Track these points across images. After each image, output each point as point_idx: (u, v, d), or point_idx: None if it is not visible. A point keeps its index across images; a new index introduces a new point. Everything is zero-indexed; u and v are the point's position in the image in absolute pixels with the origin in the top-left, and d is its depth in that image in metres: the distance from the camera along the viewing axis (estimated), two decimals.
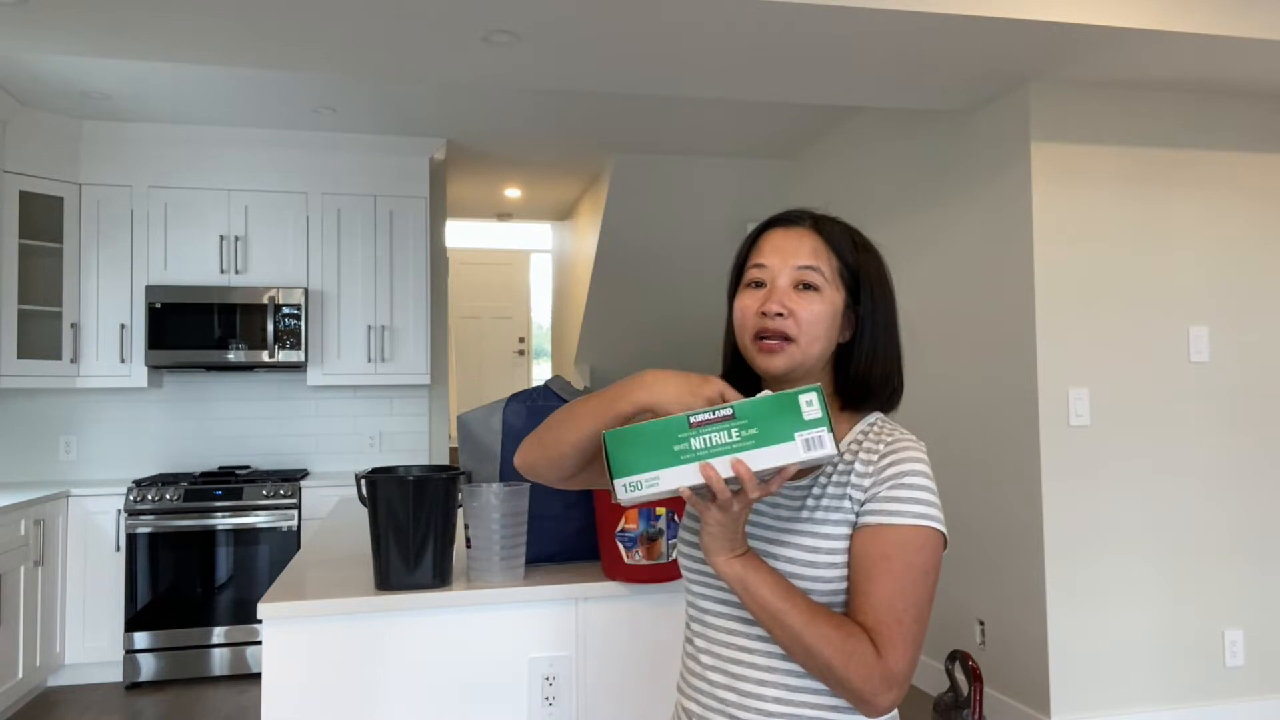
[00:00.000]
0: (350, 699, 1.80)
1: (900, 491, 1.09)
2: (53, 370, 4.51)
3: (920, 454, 1.13)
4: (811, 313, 1.15)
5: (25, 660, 3.99)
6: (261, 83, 4.15)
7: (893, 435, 1.15)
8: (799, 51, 3.22)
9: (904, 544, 1.08)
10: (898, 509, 1.09)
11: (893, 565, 1.07)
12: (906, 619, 1.06)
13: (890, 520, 1.09)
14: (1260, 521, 3.69)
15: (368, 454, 5.23)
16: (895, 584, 1.07)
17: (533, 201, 6.63)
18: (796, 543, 1.13)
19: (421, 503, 1.85)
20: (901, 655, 1.05)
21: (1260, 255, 3.77)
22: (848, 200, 4.88)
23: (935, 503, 1.11)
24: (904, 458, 1.11)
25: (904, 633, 1.06)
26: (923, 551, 1.08)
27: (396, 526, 1.84)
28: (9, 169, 4.37)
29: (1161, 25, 3.02)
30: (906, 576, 1.07)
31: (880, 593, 1.07)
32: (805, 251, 1.19)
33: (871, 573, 1.08)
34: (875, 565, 1.08)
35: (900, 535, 1.08)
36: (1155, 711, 3.51)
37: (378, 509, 1.85)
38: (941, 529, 1.11)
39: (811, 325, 1.15)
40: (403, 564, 1.84)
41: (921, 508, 1.09)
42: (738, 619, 1.16)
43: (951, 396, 3.99)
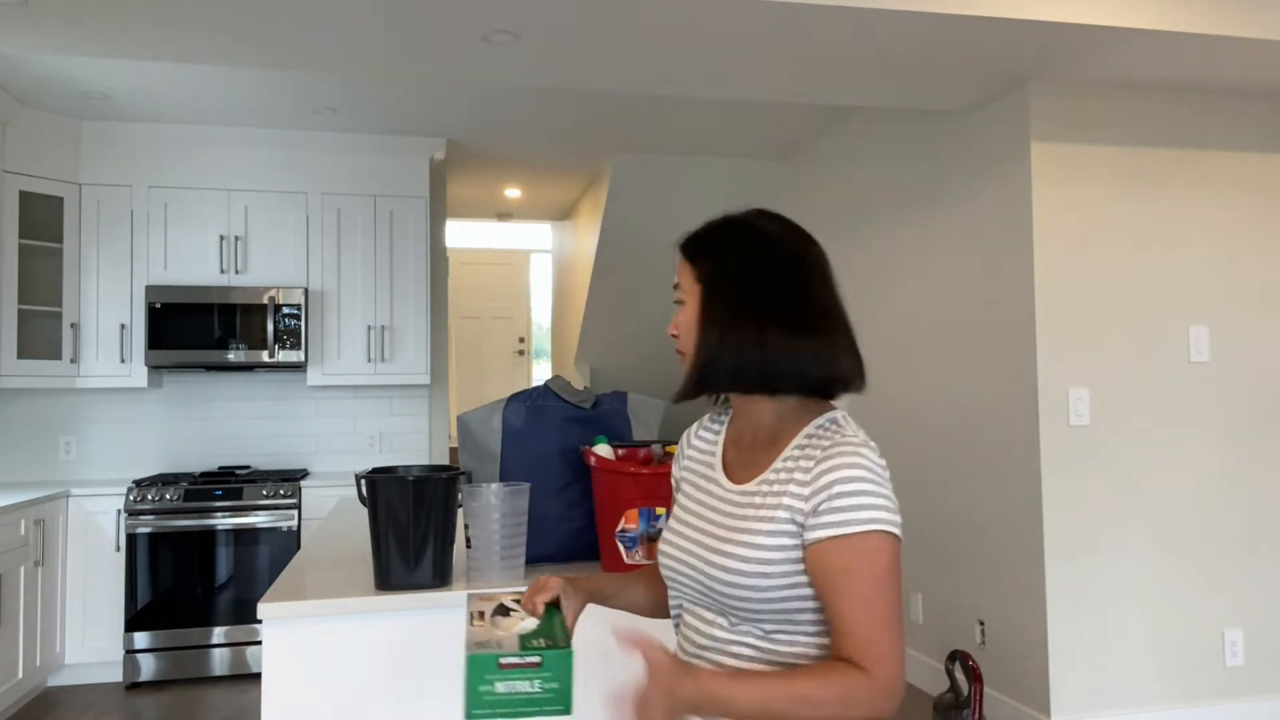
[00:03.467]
0: (350, 699, 1.80)
1: (843, 500, 1.10)
2: (53, 370, 4.51)
3: (857, 457, 1.12)
4: (682, 324, 1.24)
5: (25, 660, 3.99)
6: (261, 83, 4.14)
7: (830, 440, 1.15)
8: (799, 51, 3.22)
9: (861, 553, 1.09)
10: (845, 519, 1.10)
11: (857, 578, 1.09)
12: (884, 626, 1.08)
13: (841, 531, 1.10)
14: (1260, 521, 3.69)
15: (368, 454, 5.23)
16: (864, 596, 1.08)
17: (533, 201, 6.63)
18: (732, 552, 1.15)
19: (421, 503, 1.84)
20: (890, 662, 1.07)
21: (1260, 255, 3.77)
22: (847, 200, 4.88)
23: (882, 504, 1.11)
24: (839, 464, 1.12)
25: (886, 640, 1.07)
26: (881, 555, 1.09)
27: (396, 527, 1.84)
28: (9, 169, 4.37)
29: (1161, 25, 3.02)
30: (873, 585, 1.08)
31: (854, 610, 1.08)
32: (677, 272, 1.27)
33: (840, 589, 1.09)
34: (840, 581, 1.09)
35: (855, 545, 1.09)
36: (1155, 711, 3.51)
37: (378, 509, 1.85)
38: (892, 530, 1.11)
39: (685, 335, 1.23)
40: (403, 564, 1.84)
41: (868, 512, 1.10)
42: (711, 608, 1.20)
43: (952, 396, 3.99)
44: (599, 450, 2.03)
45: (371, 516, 1.87)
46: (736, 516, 1.18)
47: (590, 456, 2.00)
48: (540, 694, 1.10)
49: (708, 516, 1.23)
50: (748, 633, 1.17)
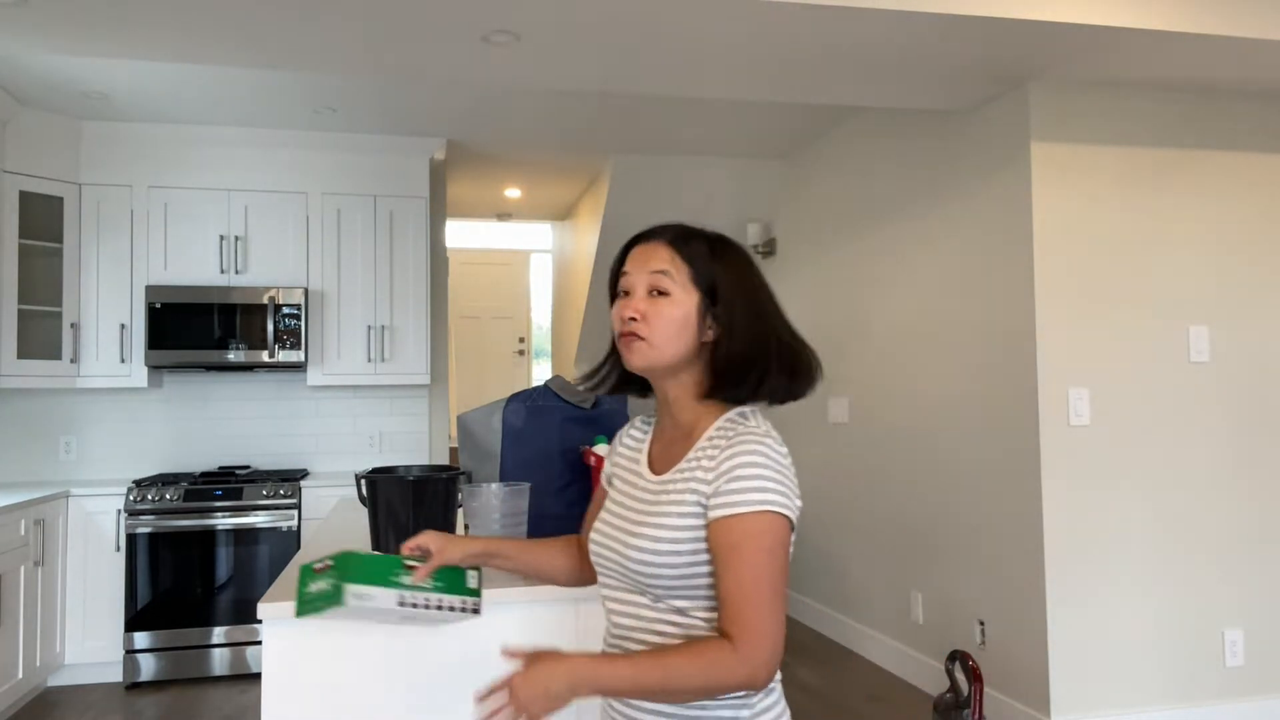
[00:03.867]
0: (350, 699, 1.80)
1: (737, 483, 1.20)
2: (53, 370, 4.51)
3: (758, 444, 1.22)
4: (661, 315, 1.28)
5: (25, 660, 3.99)
6: (262, 83, 4.15)
7: (736, 430, 1.25)
8: (799, 51, 3.22)
9: (748, 531, 1.18)
10: (738, 499, 1.19)
11: (742, 554, 1.18)
12: (759, 596, 1.17)
13: (733, 511, 1.19)
14: (1260, 521, 3.69)
15: (368, 454, 5.23)
16: (746, 571, 1.17)
17: (533, 201, 6.63)
18: (646, 534, 1.25)
19: (421, 503, 1.85)
20: (757, 635, 1.15)
21: (1260, 255, 3.77)
22: (847, 200, 4.88)
23: (776, 488, 1.20)
24: (740, 450, 1.22)
25: (758, 610, 1.16)
26: (764, 535, 1.18)
27: (396, 526, 1.84)
28: (9, 169, 4.37)
29: (1161, 25, 3.02)
30: (756, 562, 1.18)
31: (734, 584, 1.18)
32: (657, 259, 1.30)
33: (727, 563, 1.19)
34: (728, 556, 1.19)
35: (743, 523, 1.19)
36: (1155, 711, 3.51)
37: (378, 509, 1.85)
38: (783, 511, 1.20)
39: (662, 327, 1.27)
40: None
41: (759, 494, 1.19)
42: (633, 589, 1.29)
43: (952, 396, 3.99)
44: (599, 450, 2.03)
45: (371, 516, 1.87)
46: (653, 503, 1.28)
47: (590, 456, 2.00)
48: (330, 590, 1.36)
49: (630, 505, 1.32)
50: (668, 609, 1.26)
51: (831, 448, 5.03)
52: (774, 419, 5.75)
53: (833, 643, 4.95)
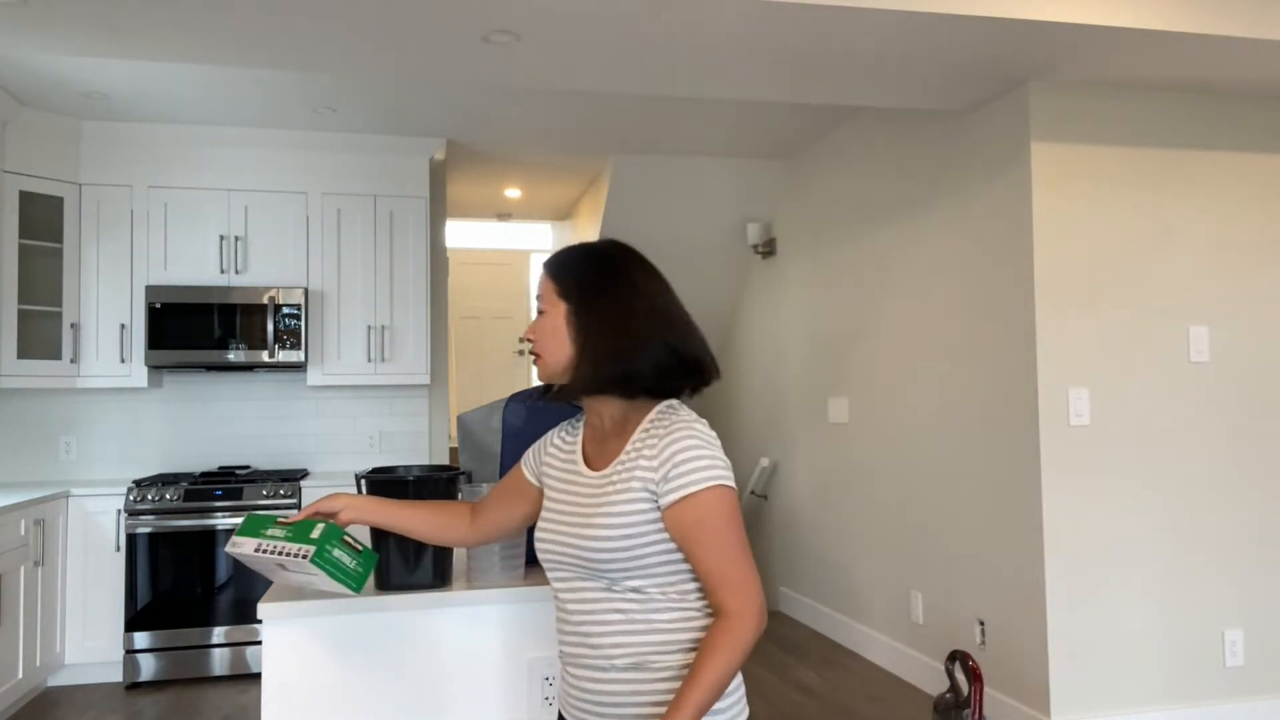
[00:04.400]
0: (350, 699, 1.80)
1: (684, 467, 1.35)
2: (53, 370, 4.51)
3: (691, 430, 1.37)
4: (541, 330, 1.46)
5: (25, 660, 3.99)
6: (261, 83, 4.15)
7: (669, 422, 1.39)
8: (799, 52, 3.22)
9: (708, 505, 1.34)
10: (690, 479, 1.34)
11: (708, 525, 1.34)
12: (737, 560, 1.34)
13: (687, 491, 1.34)
14: (1260, 521, 3.69)
15: (368, 454, 5.23)
16: (717, 539, 1.34)
17: (533, 201, 6.63)
18: (599, 522, 1.37)
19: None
20: (747, 590, 1.34)
21: (1260, 255, 3.77)
22: (847, 200, 4.88)
23: (717, 464, 1.36)
24: (677, 438, 1.37)
25: (738, 569, 1.34)
26: (724, 502, 1.35)
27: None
28: (9, 169, 4.37)
29: (1161, 25, 3.02)
30: (723, 529, 1.34)
31: (711, 554, 1.34)
32: (539, 287, 1.49)
33: (697, 538, 1.34)
34: (696, 531, 1.34)
35: (702, 499, 1.34)
36: (1155, 711, 3.51)
37: None
38: (728, 484, 1.36)
39: (542, 340, 1.45)
40: (403, 564, 1.84)
41: (706, 472, 1.34)
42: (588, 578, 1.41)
43: (952, 396, 3.99)
44: None
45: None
46: (599, 495, 1.40)
47: None
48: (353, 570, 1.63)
49: (575, 502, 1.44)
50: (625, 590, 1.38)
51: (831, 448, 5.03)
52: (775, 419, 5.75)
53: (833, 643, 4.95)
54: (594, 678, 1.40)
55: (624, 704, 1.38)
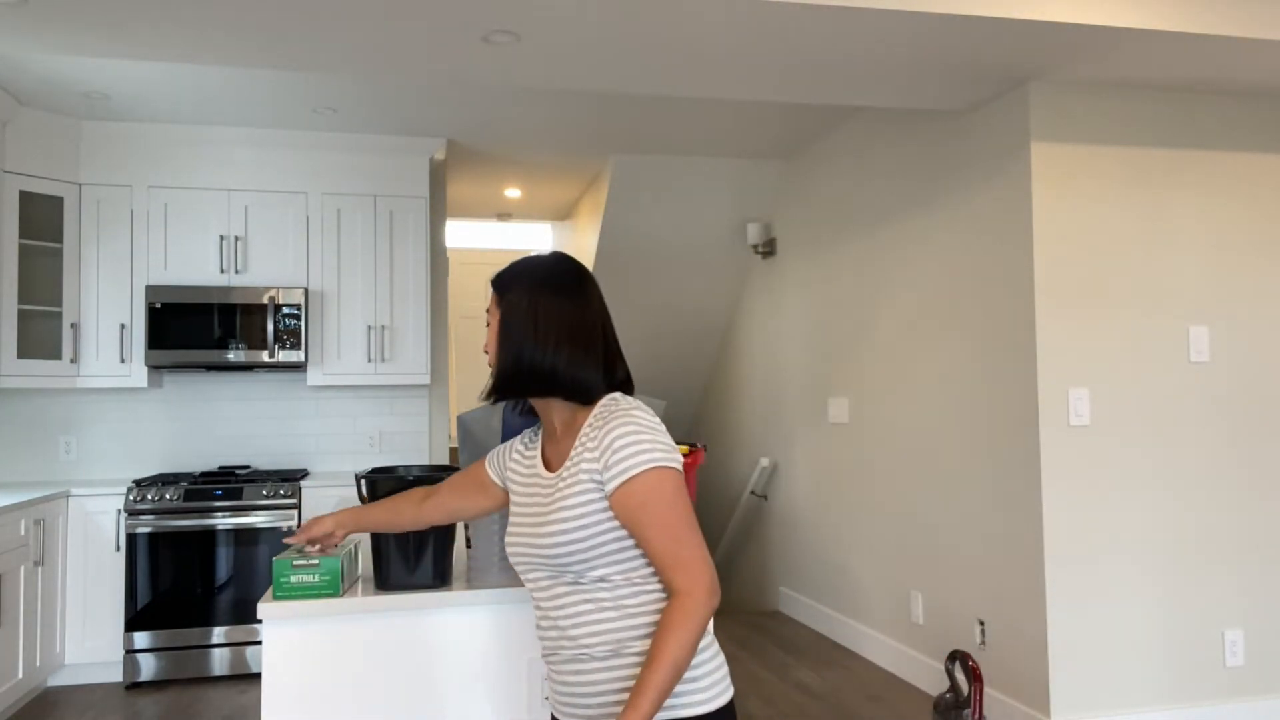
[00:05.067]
0: (350, 699, 1.80)
1: (621, 453, 1.38)
2: (53, 370, 4.51)
3: (629, 418, 1.41)
4: (489, 339, 1.52)
5: (25, 660, 3.99)
6: (261, 83, 4.15)
7: (608, 414, 1.43)
8: (799, 51, 3.22)
9: (649, 486, 1.37)
10: (628, 463, 1.37)
11: (649, 508, 1.37)
12: (683, 539, 1.37)
13: (626, 476, 1.37)
14: (1260, 521, 3.69)
15: (368, 454, 5.23)
16: (661, 519, 1.37)
17: (533, 201, 6.63)
18: (555, 518, 1.41)
19: None
20: (696, 567, 1.36)
21: (1260, 255, 3.77)
22: (847, 200, 4.88)
23: (656, 447, 1.38)
24: (614, 426, 1.40)
25: (684, 547, 1.37)
26: (665, 483, 1.38)
27: None
28: (9, 169, 4.37)
29: (1161, 25, 3.02)
30: (666, 509, 1.37)
31: (657, 534, 1.37)
32: (490, 300, 1.57)
33: (641, 521, 1.37)
34: (640, 514, 1.37)
35: (641, 482, 1.37)
36: (1155, 711, 3.51)
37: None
38: (669, 465, 1.38)
39: (492, 349, 1.51)
40: (403, 565, 1.84)
41: (645, 455, 1.37)
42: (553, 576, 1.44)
43: (952, 396, 3.99)
44: None
45: None
46: (555, 494, 1.44)
47: None
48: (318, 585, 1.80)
49: (535, 503, 1.48)
50: (593, 581, 1.41)
51: (831, 448, 5.03)
52: (775, 419, 5.75)
53: (833, 643, 4.95)
54: (576, 669, 1.44)
55: (607, 691, 1.41)
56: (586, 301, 1.50)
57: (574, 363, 1.46)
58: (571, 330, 1.47)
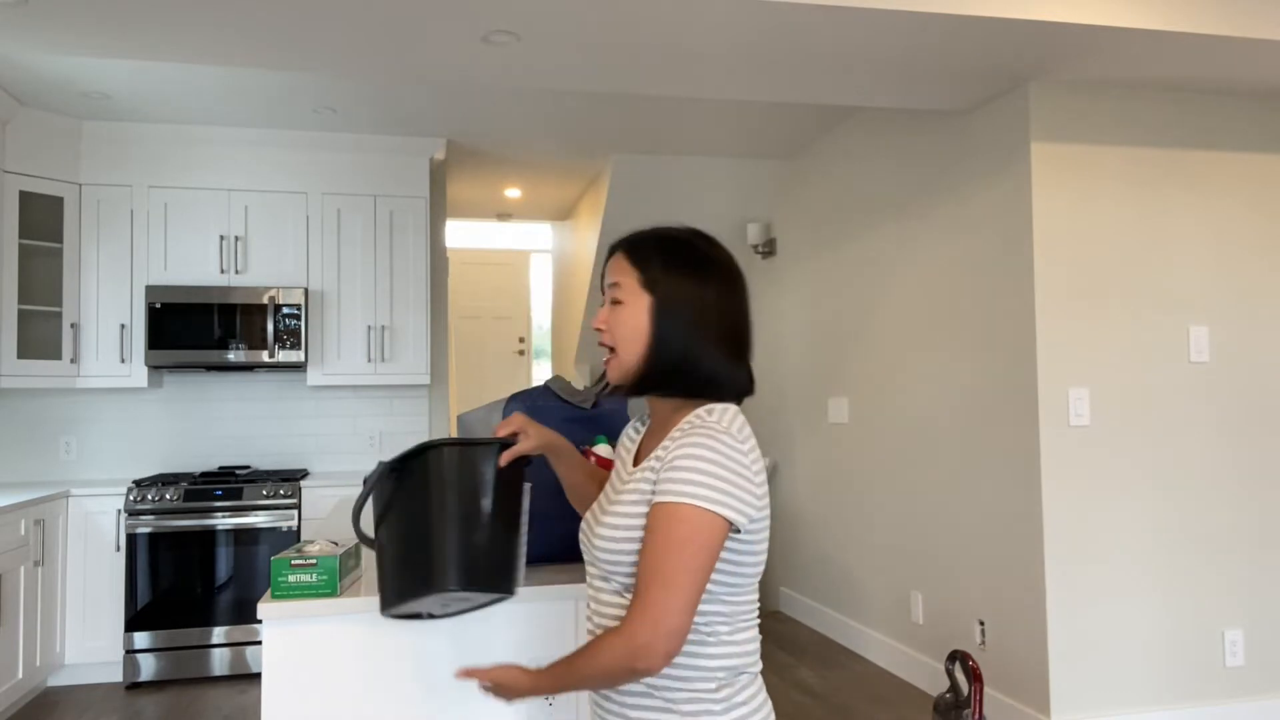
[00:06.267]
0: (350, 699, 1.80)
1: (672, 473, 1.23)
2: (53, 370, 4.51)
3: (710, 440, 1.24)
4: (619, 323, 1.34)
5: (25, 660, 3.99)
6: (261, 83, 4.15)
7: (694, 425, 1.28)
8: (799, 51, 3.22)
9: (666, 518, 1.22)
10: (667, 488, 1.23)
11: (654, 537, 1.22)
12: (653, 583, 1.20)
13: (661, 499, 1.24)
14: (1260, 521, 3.69)
15: (368, 454, 5.23)
16: (651, 552, 1.22)
17: (533, 201, 6.63)
18: (607, 521, 1.31)
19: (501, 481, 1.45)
20: (645, 614, 1.19)
21: (1260, 255, 3.77)
22: (847, 200, 4.88)
23: (705, 482, 1.22)
24: (687, 443, 1.25)
25: (648, 598, 1.20)
26: (682, 525, 1.21)
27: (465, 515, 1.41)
28: (9, 169, 4.37)
29: (1161, 25, 3.02)
30: (662, 547, 1.21)
31: (640, 563, 1.23)
32: (613, 270, 1.37)
33: (643, 545, 1.24)
34: (645, 539, 1.24)
35: (666, 511, 1.22)
36: (1155, 711, 3.51)
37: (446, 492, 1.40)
38: (708, 507, 1.21)
39: (622, 336, 1.33)
40: (493, 561, 1.42)
41: (686, 486, 1.22)
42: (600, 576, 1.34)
43: (952, 396, 3.99)
44: (599, 450, 2.03)
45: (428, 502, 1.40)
46: (621, 491, 1.33)
47: (590, 456, 2.00)
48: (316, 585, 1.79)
49: (608, 494, 1.38)
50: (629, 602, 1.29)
51: (831, 448, 5.03)
52: (775, 419, 5.75)
53: (833, 643, 4.95)
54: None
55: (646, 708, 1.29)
56: (744, 295, 1.36)
57: (728, 365, 1.32)
58: (734, 328, 1.33)
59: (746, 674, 1.31)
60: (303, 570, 1.79)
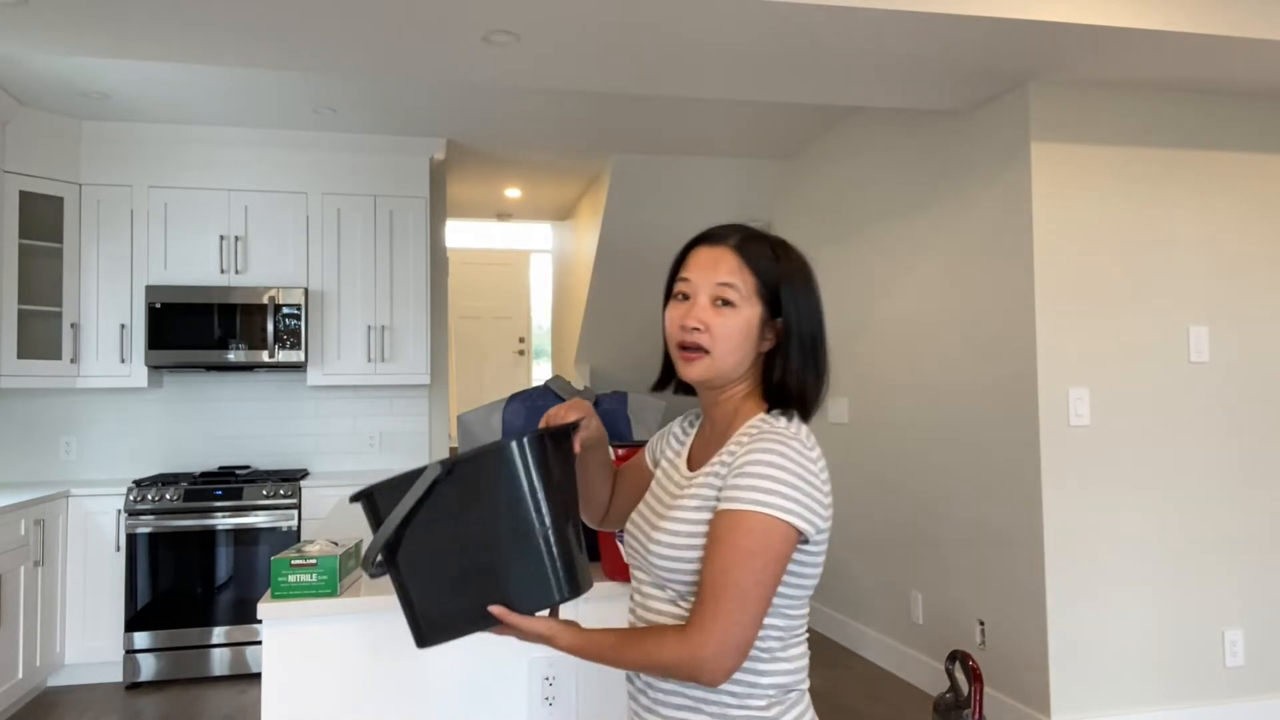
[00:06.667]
0: (350, 699, 1.80)
1: (742, 480, 1.18)
2: (53, 370, 4.51)
3: (780, 444, 1.19)
4: (726, 327, 1.25)
5: (25, 660, 3.99)
6: (261, 83, 4.15)
7: (762, 429, 1.22)
8: (799, 51, 3.22)
9: (735, 526, 1.16)
10: (737, 495, 1.17)
11: (721, 547, 1.16)
12: (723, 596, 1.14)
13: (728, 506, 1.17)
14: (1260, 521, 3.69)
15: (368, 454, 5.23)
16: (720, 563, 1.15)
17: (533, 201, 6.63)
18: (665, 528, 1.24)
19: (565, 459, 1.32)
20: (709, 625, 1.14)
21: (1260, 255, 3.77)
22: (847, 200, 4.88)
23: (779, 490, 1.16)
24: (758, 448, 1.19)
25: (718, 610, 1.14)
26: (752, 535, 1.15)
27: (563, 495, 1.27)
28: (9, 169, 4.37)
29: (1161, 25, 3.02)
30: (731, 557, 1.15)
31: (706, 571, 1.17)
32: (724, 269, 1.27)
33: (707, 554, 1.18)
34: (711, 547, 1.17)
35: (734, 519, 1.16)
36: (1155, 711, 3.51)
37: (549, 484, 1.24)
38: (780, 516, 1.16)
39: (725, 339, 1.25)
40: (571, 566, 1.25)
41: (758, 494, 1.16)
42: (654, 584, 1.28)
43: (951, 396, 3.99)
44: None
45: (535, 481, 1.22)
46: (677, 497, 1.27)
47: None
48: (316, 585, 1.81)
49: (661, 499, 1.32)
50: (687, 611, 1.23)
51: (831, 448, 5.03)
52: None
53: (833, 643, 4.95)
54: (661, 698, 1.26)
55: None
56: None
57: (819, 382, 1.29)
58: (823, 344, 1.30)
59: (796, 691, 1.26)
60: (303, 570, 1.80)
